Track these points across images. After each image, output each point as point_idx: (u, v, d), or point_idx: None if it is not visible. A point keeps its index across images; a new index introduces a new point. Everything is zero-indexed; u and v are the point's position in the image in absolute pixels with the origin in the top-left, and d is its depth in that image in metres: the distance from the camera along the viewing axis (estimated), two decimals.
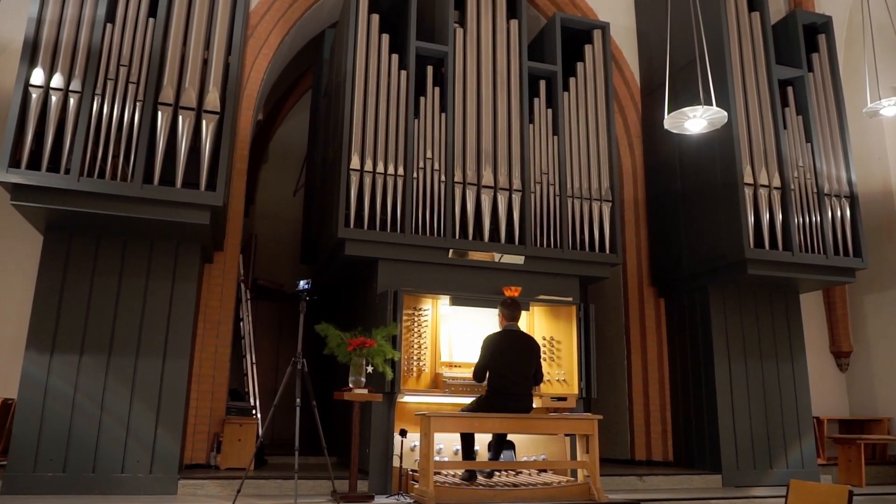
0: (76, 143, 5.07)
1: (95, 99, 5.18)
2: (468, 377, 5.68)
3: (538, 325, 6.42)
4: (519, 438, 5.94)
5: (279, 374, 8.53)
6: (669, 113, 5.10)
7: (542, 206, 6.73)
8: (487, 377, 5.43)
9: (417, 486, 5.17)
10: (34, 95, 5.04)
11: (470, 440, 5.43)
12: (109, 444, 5.33)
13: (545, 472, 5.87)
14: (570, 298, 6.48)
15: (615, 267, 7.27)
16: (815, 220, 7.08)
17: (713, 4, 7.36)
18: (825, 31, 7.80)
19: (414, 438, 5.58)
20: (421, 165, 6.36)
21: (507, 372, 5.36)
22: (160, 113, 5.27)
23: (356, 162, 6.12)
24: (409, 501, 5.17)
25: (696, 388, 7.34)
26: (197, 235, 5.68)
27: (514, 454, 5.79)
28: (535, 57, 7.38)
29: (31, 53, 5.12)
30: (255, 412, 6.73)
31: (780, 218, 6.92)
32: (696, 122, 5.05)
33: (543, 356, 6.04)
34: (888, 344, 8.27)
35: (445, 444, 5.87)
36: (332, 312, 7.67)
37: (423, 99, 6.56)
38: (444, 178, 6.40)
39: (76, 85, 5.16)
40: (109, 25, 5.36)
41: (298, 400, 5.17)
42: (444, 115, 6.59)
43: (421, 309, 6.07)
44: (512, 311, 5.63)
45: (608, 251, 6.84)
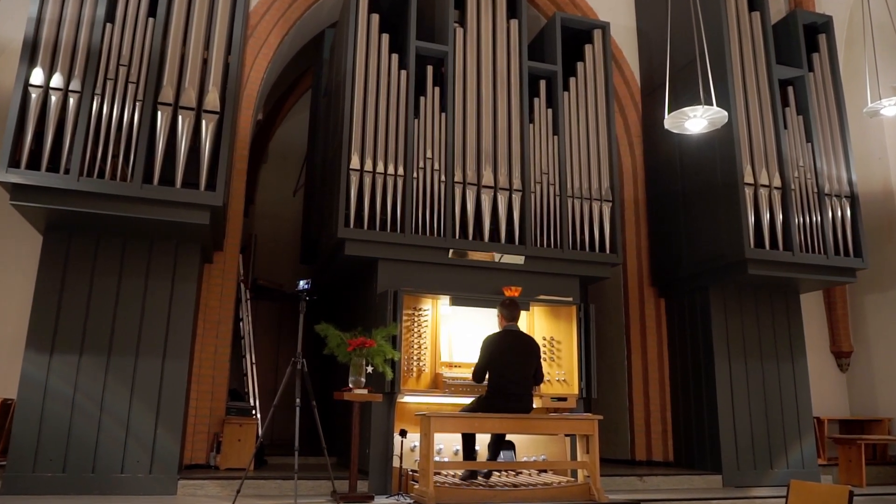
0: (76, 142, 5.07)
1: (95, 99, 5.18)
2: (468, 377, 5.67)
3: (538, 325, 6.41)
4: (519, 438, 5.93)
5: (279, 374, 8.52)
6: (670, 113, 5.10)
7: (542, 206, 6.72)
8: (487, 377, 5.42)
9: (417, 486, 5.16)
10: (34, 95, 5.04)
11: (471, 440, 5.42)
12: (109, 444, 5.33)
13: (545, 472, 5.86)
14: (570, 298, 6.48)
15: (615, 267, 7.26)
16: (815, 219, 7.08)
17: (713, 4, 7.35)
18: (825, 30, 7.80)
19: (414, 438, 5.58)
20: (421, 165, 6.36)
21: (507, 372, 5.36)
22: (160, 113, 5.27)
23: (356, 162, 6.12)
24: (409, 502, 5.17)
25: (696, 388, 7.34)
26: (197, 235, 5.68)
27: (514, 454, 5.79)
28: (535, 57, 7.38)
29: (30, 53, 5.12)
30: (254, 412, 6.72)
31: (780, 218, 6.92)
32: (696, 121, 5.04)
33: (543, 356, 6.03)
34: (888, 344, 8.26)
35: (445, 444, 5.87)
36: (332, 312, 7.67)
37: (423, 99, 6.55)
38: (444, 177, 6.40)
39: (76, 85, 5.16)
40: (109, 25, 5.36)
41: (298, 400, 5.17)
42: (444, 114, 6.58)
43: (421, 309, 6.07)
44: (511, 311, 5.63)
45: (608, 251, 6.84)
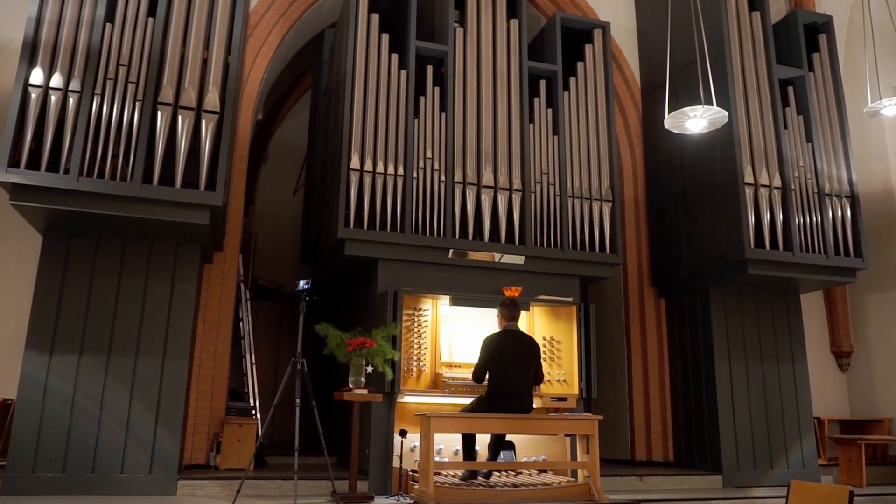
0: (75, 142, 5.07)
1: (95, 99, 5.17)
2: (468, 377, 5.67)
3: (538, 325, 6.41)
4: (519, 439, 5.93)
5: (279, 374, 8.52)
6: (670, 112, 5.10)
7: (542, 206, 6.72)
8: (487, 377, 5.42)
9: (417, 486, 5.16)
10: (33, 95, 5.03)
11: (471, 441, 5.42)
12: (109, 444, 5.32)
13: (545, 472, 5.85)
14: (570, 298, 6.48)
15: (615, 267, 7.25)
16: (815, 219, 7.07)
17: (714, 4, 7.35)
18: (826, 30, 7.79)
19: (414, 439, 5.58)
20: (421, 165, 6.35)
21: (507, 372, 5.35)
22: (160, 113, 5.27)
23: (356, 162, 6.12)
24: (408, 502, 5.16)
25: (696, 388, 7.33)
26: (196, 235, 5.67)
27: (514, 454, 5.79)
28: (535, 56, 7.37)
29: (30, 53, 5.11)
30: (254, 412, 6.72)
31: (780, 218, 6.91)
32: (696, 121, 5.04)
33: (544, 356, 6.03)
34: (889, 344, 8.26)
35: (445, 444, 5.86)
36: (331, 312, 7.67)
37: (423, 99, 6.55)
38: (444, 177, 6.39)
39: (75, 85, 5.15)
40: (109, 25, 5.35)
41: (298, 400, 5.17)
42: (444, 114, 6.58)
43: (421, 309, 6.06)
44: (511, 311, 5.63)
45: (608, 251, 6.84)
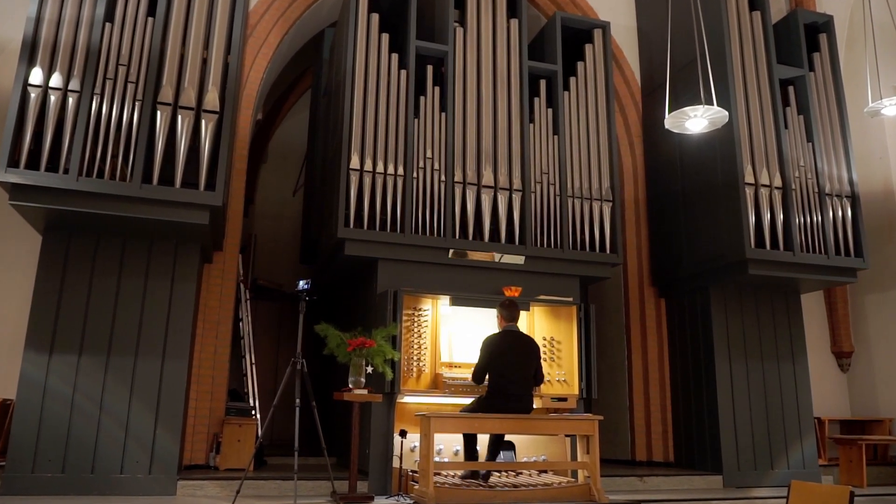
0: (75, 142, 5.06)
1: (94, 98, 5.17)
2: (468, 377, 5.66)
3: (538, 325, 6.40)
4: (519, 439, 5.93)
5: (279, 374, 8.52)
6: (670, 112, 5.09)
7: (542, 205, 6.71)
8: (488, 378, 5.41)
9: (417, 486, 5.15)
10: (33, 95, 5.03)
11: (472, 441, 5.41)
12: (108, 444, 5.32)
13: (545, 472, 5.85)
14: (570, 298, 6.47)
15: (615, 267, 7.24)
16: (816, 219, 7.06)
17: (714, 4, 7.34)
18: (826, 30, 7.78)
19: (414, 439, 5.57)
20: (421, 165, 6.35)
21: (507, 372, 5.35)
22: (159, 112, 5.26)
23: (356, 161, 6.11)
24: (408, 502, 5.16)
25: (696, 388, 7.33)
26: (196, 235, 5.67)
27: (514, 454, 5.78)
28: (535, 56, 7.37)
29: (29, 53, 5.10)
30: (254, 413, 6.71)
31: (781, 218, 6.90)
32: (696, 121, 5.04)
33: (544, 356, 6.02)
34: (889, 344, 8.25)
35: (445, 444, 5.86)
36: (331, 312, 7.66)
37: (423, 98, 6.54)
38: (444, 177, 6.38)
39: (75, 84, 5.14)
40: (108, 25, 5.34)
41: (298, 400, 5.16)
42: (444, 114, 6.57)
43: (421, 309, 6.06)
44: (510, 311, 5.62)
45: (608, 251, 6.83)
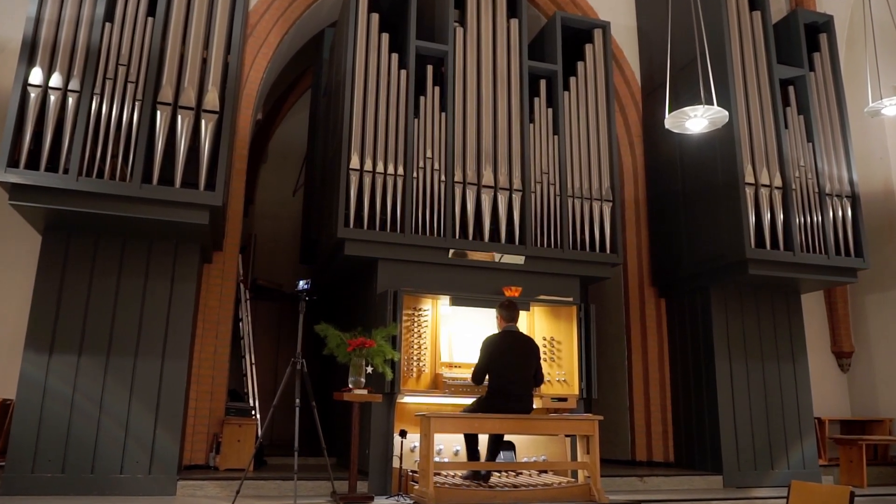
0: (75, 142, 5.05)
1: (94, 98, 5.16)
2: (468, 377, 5.66)
3: (538, 325, 6.40)
4: (519, 439, 5.92)
5: (278, 374, 8.51)
6: (670, 112, 5.09)
7: (542, 205, 6.71)
8: (488, 378, 5.41)
9: (417, 486, 5.15)
10: (32, 95, 5.02)
11: (474, 442, 5.40)
12: (108, 444, 5.31)
13: (545, 472, 5.85)
14: (570, 298, 6.47)
15: (616, 267, 7.24)
16: (816, 219, 7.06)
17: (714, 3, 7.34)
18: (826, 30, 7.78)
19: (414, 439, 5.57)
20: (421, 165, 6.34)
21: (507, 373, 5.35)
22: (159, 112, 5.25)
23: (356, 161, 6.11)
24: (408, 502, 5.16)
25: (696, 388, 7.32)
26: (196, 235, 5.66)
27: (514, 454, 5.78)
28: (535, 56, 7.36)
29: (29, 53, 5.10)
30: (254, 413, 6.71)
31: (781, 218, 6.90)
32: (696, 121, 5.03)
33: (544, 356, 6.02)
34: (889, 344, 8.25)
35: (445, 444, 5.86)
36: (331, 313, 7.66)
37: (423, 98, 6.54)
38: (444, 177, 6.38)
39: (75, 84, 5.14)
40: (108, 24, 5.34)
41: (298, 400, 5.16)
42: (444, 114, 6.56)
43: (421, 309, 6.05)
44: (510, 312, 5.62)
45: (609, 251, 6.82)
